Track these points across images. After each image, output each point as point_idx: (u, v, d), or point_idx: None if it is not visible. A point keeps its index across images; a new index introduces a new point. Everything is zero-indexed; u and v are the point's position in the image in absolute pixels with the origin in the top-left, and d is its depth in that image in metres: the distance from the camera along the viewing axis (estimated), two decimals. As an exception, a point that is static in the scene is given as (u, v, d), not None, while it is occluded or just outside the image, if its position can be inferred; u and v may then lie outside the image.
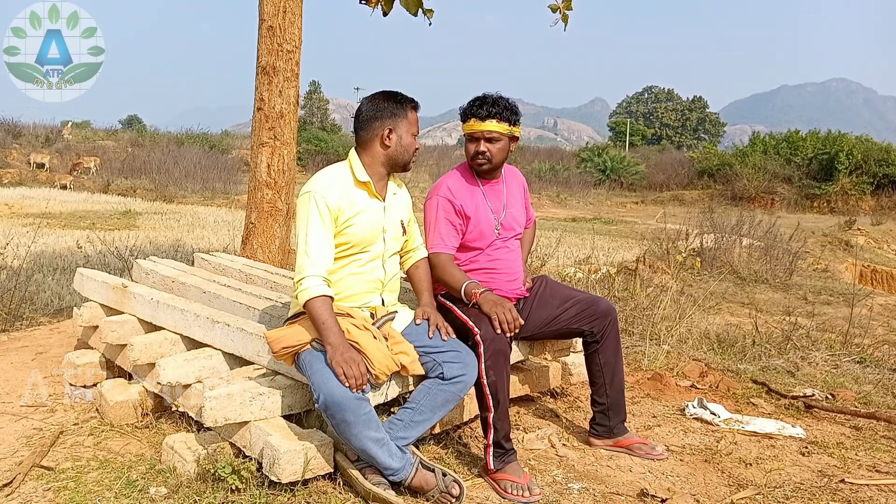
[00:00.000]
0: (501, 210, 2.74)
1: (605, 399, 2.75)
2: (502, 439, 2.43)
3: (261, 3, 4.25)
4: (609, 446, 2.76)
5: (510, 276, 2.75)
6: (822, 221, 19.11)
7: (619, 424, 2.77)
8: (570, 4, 4.85)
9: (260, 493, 2.14)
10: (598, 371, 2.75)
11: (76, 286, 3.54)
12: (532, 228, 3.10)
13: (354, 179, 2.39)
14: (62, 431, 2.69)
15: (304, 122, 34.27)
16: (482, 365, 2.39)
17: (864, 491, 2.50)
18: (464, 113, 2.68)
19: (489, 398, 2.40)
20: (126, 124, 48.00)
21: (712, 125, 75.17)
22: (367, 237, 2.38)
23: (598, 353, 2.73)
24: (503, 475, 2.39)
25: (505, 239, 2.76)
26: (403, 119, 2.40)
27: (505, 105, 2.62)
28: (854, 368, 4.24)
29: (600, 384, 2.75)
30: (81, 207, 15.54)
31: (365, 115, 2.40)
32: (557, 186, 30.40)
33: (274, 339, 2.25)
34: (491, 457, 2.42)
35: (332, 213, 2.30)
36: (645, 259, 7.96)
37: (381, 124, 2.37)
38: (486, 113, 2.60)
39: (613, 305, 2.77)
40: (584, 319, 2.71)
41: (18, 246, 7.03)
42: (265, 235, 4.32)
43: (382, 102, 2.40)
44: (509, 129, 2.63)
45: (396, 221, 2.49)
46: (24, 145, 27.47)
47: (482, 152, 2.63)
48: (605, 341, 2.72)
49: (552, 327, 2.75)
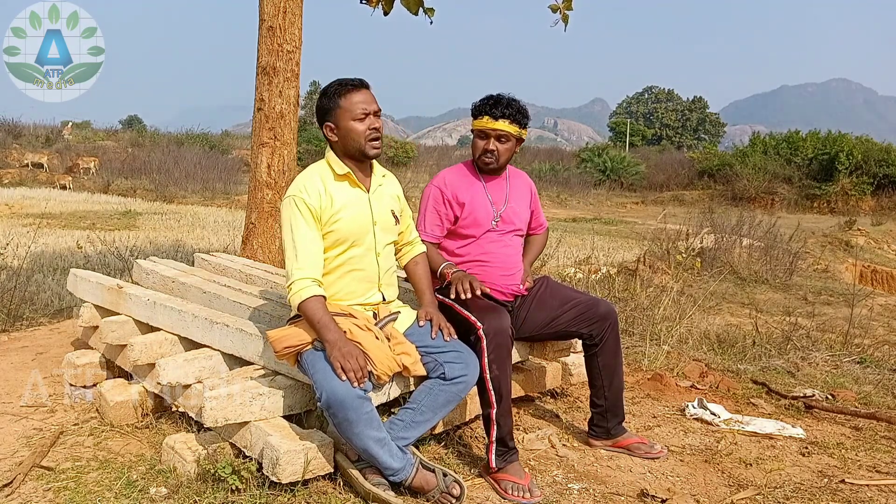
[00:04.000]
0: (502, 203, 2.78)
1: (603, 401, 2.76)
2: (505, 436, 2.43)
3: (261, 3, 4.25)
4: (608, 447, 2.78)
5: (505, 269, 2.75)
6: (822, 222, 19.10)
7: (617, 426, 2.78)
8: (571, 5, 4.85)
9: (260, 493, 2.14)
10: (598, 373, 2.76)
11: (70, 287, 3.53)
12: (543, 235, 3.12)
13: (334, 174, 2.38)
14: (62, 432, 2.69)
15: (304, 122, 34.27)
16: (485, 360, 2.38)
17: (864, 491, 2.50)
18: (476, 109, 2.73)
19: (492, 394, 2.41)
20: (126, 124, 47.97)
21: (712, 125, 75.12)
22: (356, 230, 2.35)
23: (597, 356, 2.74)
24: (504, 475, 2.38)
25: (503, 232, 2.77)
26: (337, 109, 2.34)
27: (518, 108, 2.69)
28: (854, 369, 4.24)
29: (599, 386, 2.76)
30: (81, 207, 15.53)
31: (316, 117, 2.41)
32: (557, 187, 30.37)
33: (276, 338, 2.25)
34: (493, 455, 2.41)
35: (315, 213, 2.29)
36: (645, 259, 7.95)
37: (323, 123, 2.38)
38: (501, 113, 2.66)
39: (614, 308, 2.76)
40: (584, 322, 2.71)
41: (18, 246, 7.02)
42: (265, 236, 4.32)
43: (319, 102, 2.39)
44: (518, 131, 2.71)
45: (386, 211, 2.46)
46: (25, 145, 27.45)
47: (491, 150, 2.68)
48: (604, 344, 2.72)
49: (551, 329, 2.75)
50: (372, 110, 2.33)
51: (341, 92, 2.34)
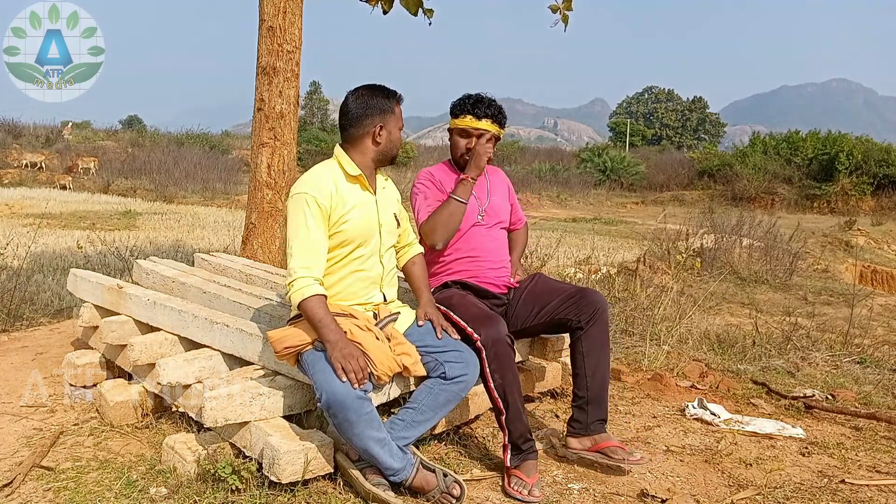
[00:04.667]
0: (485, 197, 2.86)
1: (584, 392, 2.57)
2: (517, 440, 2.43)
3: (261, 3, 4.25)
4: (585, 451, 2.55)
5: (494, 263, 2.79)
6: (822, 222, 19.11)
7: (597, 423, 2.56)
8: (571, 5, 4.85)
9: (260, 493, 2.14)
10: (581, 360, 2.58)
11: (70, 287, 3.53)
12: (524, 230, 3.16)
13: (345, 175, 2.38)
14: (62, 432, 2.69)
15: (304, 122, 34.30)
16: (487, 369, 2.39)
17: (864, 491, 2.50)
18: (458, 108, 2.81)
19: (499, 401, 2.42)
20: (126, 124, 47.97)
21: (712, 125, 75.14)
22: (364, 232, 2.37)
23: (581, 341, 2.59)
24: (515, 471, 2.40)
25: (488, 226, 2.82)
26: (392, 114, 2.40)
27: (498, 108, 2.81)
28: (854, 369, 4.24)
29: (581, 375, 2.58)
30: (81, 208, 15.53)
31: (354, 113, 2.38)
32: (557, 187, 30.38)
33: (276, 339, 2.25)
34: (508, 455, 2.44)
35: (324, 213, 2.29)
36: (645, 259, 7.95)
37: (372, 122, 2.37)
38: (484, 113, 2.76)
39: (604, 299, 2.67)
40: (571, 308, 2.62)
41: (18, 246, 7.02)
42: (265, 236, 4.32)
43: (370, 99, 2.38)
44: (499, 131, 2.81)
45: (389, 214, 2.49)
46: (25, 145, 27.44)
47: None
48: (589, 329, 2.58)
49: (540, 319, 2.71)
50: None
51: (394, 99, 2.42)
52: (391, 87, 2.45)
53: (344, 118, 2.41)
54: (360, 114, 2.37)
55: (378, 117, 2.37)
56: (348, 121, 2.39)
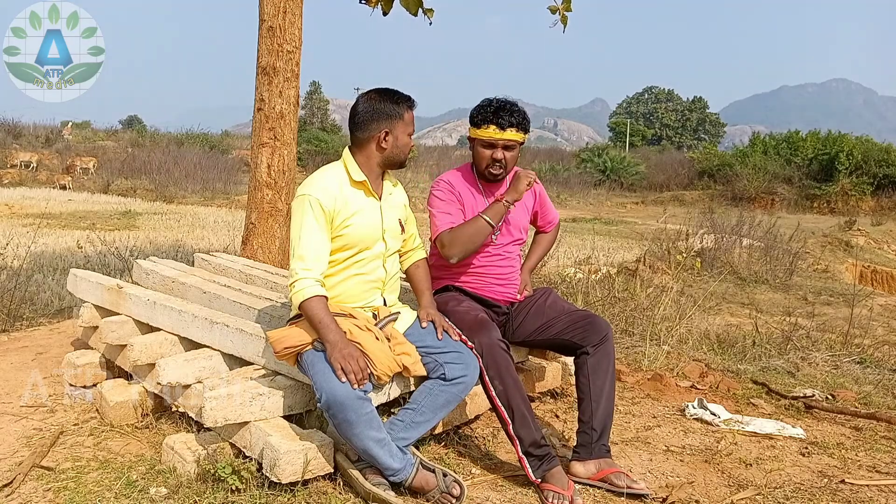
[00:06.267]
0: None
1: (588, 417, 2.49)
2: (530, 448, 2.34)
3: (261, 3, 4.25)
4: (590, 476, 2.43)
5: (501, 278, 2.75)
6: (822, 222, 19.11)
7: (601, 446, 2.47)
8: (570, 6, 4.85)
9: (260, 493, 2.14)
10: (586, 385, 2.52)
11: (70, 287, 3.53)
12: (552, 233, 3.06)
13: (350, 179, 2.38)
14: (62, 432, 2.69)
15: (304, 122, 34.29)
16: (486, 377, 2.38)
17: (864, 491, 2.50)
18: (479, 118, 2.64)
19: (502, 410, 2.36)
20: (126, 124, 48.00)
21: (712, 125, 75.15)
22: (366, 237, 2.37)
23: (586, 365, 2.53)
24: (547, 485, 2.30)
25: (500, 245, 2.75)
26: (400, 120, 2.38)
27: (522, 115, 2.64)
28: (854, 369, 4.24)
29: (586, 400, 2.51)
30: (81, 208, 15.53)
31: (361, 116, 2.38)
32: (557, 187, 30.36)
33: (276, 339, 2.25)
34: (528, 468, 2.34)
35: (328, 215, 2.29)
36: (645, 259, 7.96)
37: (378, 126, 2.36)
38: (508, 122, 2.59)
39: (610, 327, 2.63)
40: (577, 331, 2.57)
41: (18, 246, 7.02)
42: (265, 236, 4.32)
43: (379, 103, 2.37)
44: (524, 137, 2.67)
45: (394, 220, 2.49)
46: (25, 145, 27.43)
47: (499, 160, 2.64)
48: (595, 355, 2.53)
49: (543, 335, 2.68)
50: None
51: (405, 105, 2.39)
52: (404, 92, 2.42)
53: (352, 121, 2.41)
54: (367, 118, 2.37)
55: (384, 122, 2.37)
56: (355, 124, 2.40)
